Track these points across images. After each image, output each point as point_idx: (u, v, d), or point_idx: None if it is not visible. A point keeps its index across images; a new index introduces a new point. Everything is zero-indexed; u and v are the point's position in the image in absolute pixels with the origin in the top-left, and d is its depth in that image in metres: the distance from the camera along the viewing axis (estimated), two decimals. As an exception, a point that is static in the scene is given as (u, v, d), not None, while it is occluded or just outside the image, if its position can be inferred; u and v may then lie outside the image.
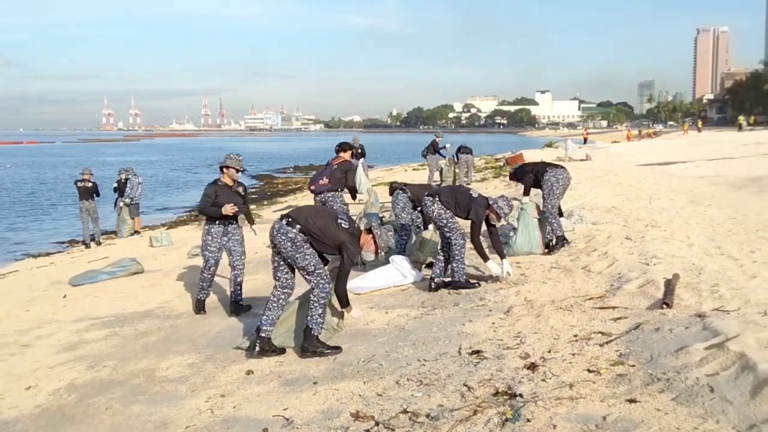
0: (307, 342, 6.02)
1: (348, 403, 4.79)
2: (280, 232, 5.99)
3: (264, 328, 6.16)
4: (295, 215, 6.09)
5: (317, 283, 5.98)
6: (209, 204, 7.96)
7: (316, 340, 6.03)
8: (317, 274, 5.98)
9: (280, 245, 6.01)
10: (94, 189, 17.80)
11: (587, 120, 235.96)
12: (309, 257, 5.95)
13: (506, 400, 4.44)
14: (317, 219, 6.05)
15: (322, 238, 5.98)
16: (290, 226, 5.96)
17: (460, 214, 7.79)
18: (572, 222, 10.48)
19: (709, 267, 7.33)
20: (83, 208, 17.55)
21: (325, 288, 6.00)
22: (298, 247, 5.93)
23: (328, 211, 6.61)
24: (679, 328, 5.29)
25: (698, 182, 18.40)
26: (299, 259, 5.95)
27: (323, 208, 7.99)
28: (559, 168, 9.51)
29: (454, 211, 7.77)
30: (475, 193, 7.89)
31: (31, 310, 9.53)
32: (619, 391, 4.35)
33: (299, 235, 5.92)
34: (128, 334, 7.75)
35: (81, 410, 5.48)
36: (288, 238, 5.94)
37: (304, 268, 5.99)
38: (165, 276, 11.14)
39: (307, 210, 6.42)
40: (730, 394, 3.99)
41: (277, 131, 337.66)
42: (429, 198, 7.95)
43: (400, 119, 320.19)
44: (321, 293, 5.99)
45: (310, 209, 6.54)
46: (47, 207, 29.46)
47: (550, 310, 6.37)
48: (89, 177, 17.82)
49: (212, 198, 7.96)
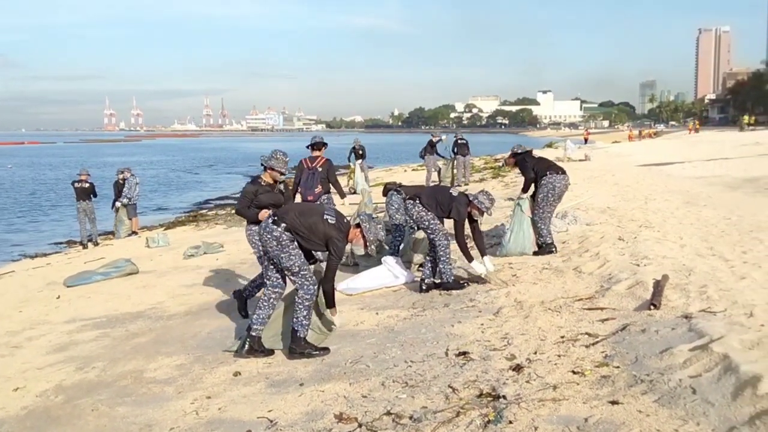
0: (294, 343, 6.01)
1: (332, 405, 4.79)
2: (265, 231, 5.98)
3: (255, 327, 6.16)
4: (281, 214, 6.08)
5: (302, 284, 5.95)
6: (247, 204, 7.59)
7: (304, 342, 6.01)
8: (302, 275, 5.95)
9: (267, 244, 5.99)
10: (91, 190, 17.83)
11: (589, 120, 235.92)
12: (294, 257, 5.92)
13: (489, 401, 4.43)
14: (304, 217, 6.01)
15: (310, 236, 5.96)
16: (276, 225, 5.94)
17: (442, 214, 7.78)
18: (566, 223, 10.47)
19: (699, 268, 7.31)
20: (80, 208, 17.58)
21: (309, 289, 5.97)
22: (283, 247, 5.90)
23: (315, 207, 6.52)
24: (666, 330, 5.29)
25: (695, 183, 18.39)
26: (284, 258, 5.92)
27: (311, 205, 7.83)
28: (559, 174, 9.17)
29: (435, 211, 7.75)
30: (455, 192, 7.89)
31: (24, 311, 9.54)
32: (602, 393, 4.34)
33: (285, 234, 5.90)
34: (119, 335, 7.75)
35: (67, 411, 5.49)
36: (273, 237, 5.92)
37: (288, 269, 5.97)
38: (159, 277, 11.15)
39: (294, 208, 6.36)
40: (711, 395, 3.98)
41: (279, 131, 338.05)
42: (410, 201, 7.95)
43: (402, 119, 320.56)
44: (306, 295, 5.96)
45: (297, 207, 6.46)
46: (47, 208, 29.50)
47: (539, 311, 6.36)
48: (86, 178, 17.85)
49: (251, 198, 7.59)
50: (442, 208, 7.76)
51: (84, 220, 17.70)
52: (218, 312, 8.28)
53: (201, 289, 9.78)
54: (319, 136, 10.52)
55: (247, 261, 11.69)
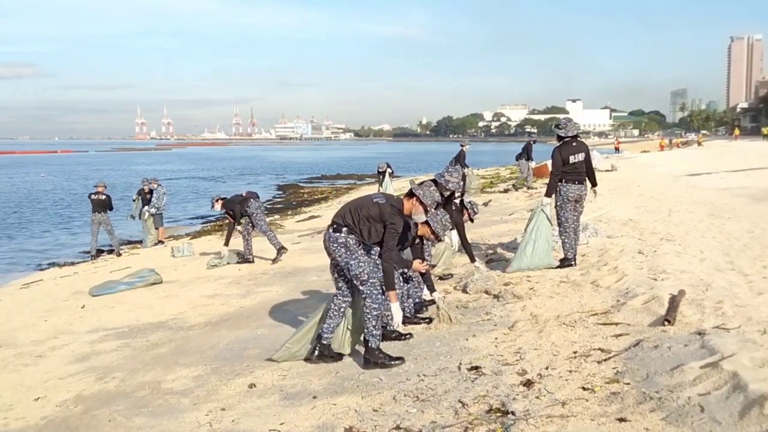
0: (369, 354, 5.92)
1: (343, 419, 4.83)
2: (330, 241, 5.95)
3: (325, 335, 6.18)
4: (337, 219, 6.02)
5: (370, 293, 5.85)
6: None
7: (378, 351, 5.91)
8: (370, 284, 5.86)
9: (335, 253, 5.95)
10: (108, 202, 18.00)
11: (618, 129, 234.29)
12: (363, 264, 5.86)
13: (498, 417, 4.45)
14: (358, 210, 5.95)
15: (372, 225, 5.89)
16: (338, 232, 5.92)
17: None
18: (587, 235, 10.42)
19: (716, 283, 7.26)
20: (95, 220, 17.85)
21: (378, 299, 5.87)
22: (352, 252, 5.86)
23: (363, 198, 6.35)
24: (678, 346, 5.27)
25: (720, 194, 18.18)
26: (354, 266, 5.85)
27: (358, 198, 7.64)
28: (576, 183, 8.93)
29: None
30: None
31: (49, 320, 9.72)
32: (610, 410, 4.34)
33: (350, 238, 5.88)
34: (139, 346, 7.87)
35: (85, 422, 5.59)
36: (340, 244, 5.89)
37: (357, 276, 5.86)
38: (182, 287, 11.29)
39: (344, 208, 6.21)
40: (719, 414, 3.97)
41: (307, 140, 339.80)
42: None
43: (430, 128, 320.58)
44: (374, 304, 5.86)
45: (346, 207, 6.27)
46: (78, 217, 29.88)
47: (553, 326, 6.36)
48: (103, 190, 18.06)
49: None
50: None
51: (96, 231, 17.93)
52: (237, 323, 8.37)
53: (222, 300, 9.90)
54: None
55: (269, 272, 11.81)
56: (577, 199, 8.96)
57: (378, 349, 5.93)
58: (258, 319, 8.39)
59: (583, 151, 9.00)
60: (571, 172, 8.95)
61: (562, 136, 9.05)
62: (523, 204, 18.00)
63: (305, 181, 51.36)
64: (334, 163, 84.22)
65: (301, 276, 10.91)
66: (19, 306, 11.27)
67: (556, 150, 9.03)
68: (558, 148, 9.01)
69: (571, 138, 9.01)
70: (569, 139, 9.00)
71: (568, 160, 8.86)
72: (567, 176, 8.93)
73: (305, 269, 11.43)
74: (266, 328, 7.92)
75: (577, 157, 8.91)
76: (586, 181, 9.07)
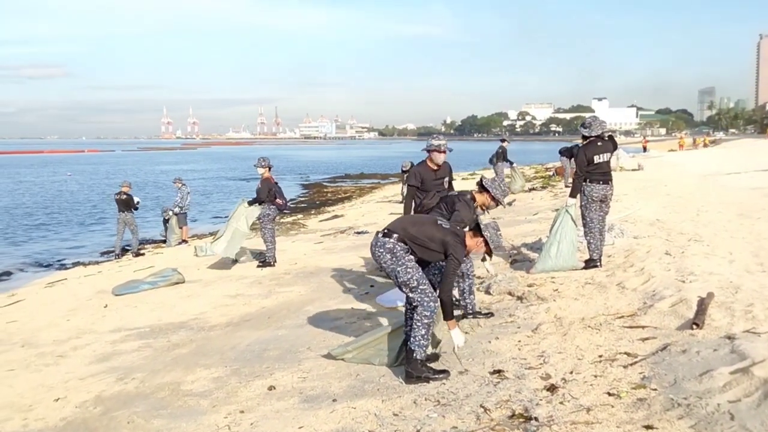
0: (411, 366, 5.64)
1: (363, 423, 4.75)
2: (377, 246, 5.76)
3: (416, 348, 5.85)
4: (391, 227, 5.85)
5: (421, 300, 5.62)
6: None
7: (421, 364, 5.63)
8: (421, 290, 5.63)
9: (380, 259, 5.75)
10: (130, 201, 18.23)
11: (645, 127, 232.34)
12: (411, 270, 5.63)
13: (521, 423, 4.35)
14: (416, 227, 5.80)
15: (427, 244, 5.69)
16: (387, 237, 5.73)
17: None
18: (613, 236, 10.25)
19: (746, 285, 7.08)
20: (120, 219, 18.25)
21: (429, 306, 5.62)
22: (398, 258, 5.65)
23: (425, 216, 6.37)
24: (707, 351, 5.12)
25: (750, 194, 17.90)
26: (401, 272, 5.63)
27: (419, 215, 7.45)
28: (600, 183, 8.80)
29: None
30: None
31: (71, 320, 9.74)
32: (637, 417, 4.22)
33: (398, 245, 5.67)
34: (160, 346, 7.85)
35: (104, 423, 5.57)
36: (386, 249, 5.68)
37: (406, 284, 5.63)
38: (204, 287, 11.27)
39: (404, 220, 6.11)
40: (750, 422, 3.84)
41: (331, 139, 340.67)
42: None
43: (454, 127, 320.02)
44: (425, 311, 5.61)
45: (406, 219, 6.18)
46: (99, 216, 30.11)
47: (578, 329, 6.23)
48: (126, 189, 18.33)
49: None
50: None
51: (122, 230, 18.21)
52: (258, 324, 8.33)
53: (243, 300, 9.87)
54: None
55: (291, 272, 11.77)
56: (602, 199, 8.84)
57: (422, 362, 5.64)
58: (279, 320, 8.34)
59: (608, 150, 8.87)
60: (595, 172, 8.83)
61: (587, 135, 8.94)
62: (548, 204, 17.82)
63: (329, 180, 51.39)
64: (358, 162, 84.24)
65: (323, 276, 10.85)
66: (43, 305, 11.32)
67: (580, 149, 8.95)
68: (583, 148, 8.93)
69: (596, 137, 8.88)
70: (594, 138, 8.87)
71: (592, 159, 8.76)
72: (592, 176, 8.83)
73: (327, 269, 11.36)
74: (287, 329, 7.86)
75: (602, 156, 8.79)
76: (611, 181, 8.94)
